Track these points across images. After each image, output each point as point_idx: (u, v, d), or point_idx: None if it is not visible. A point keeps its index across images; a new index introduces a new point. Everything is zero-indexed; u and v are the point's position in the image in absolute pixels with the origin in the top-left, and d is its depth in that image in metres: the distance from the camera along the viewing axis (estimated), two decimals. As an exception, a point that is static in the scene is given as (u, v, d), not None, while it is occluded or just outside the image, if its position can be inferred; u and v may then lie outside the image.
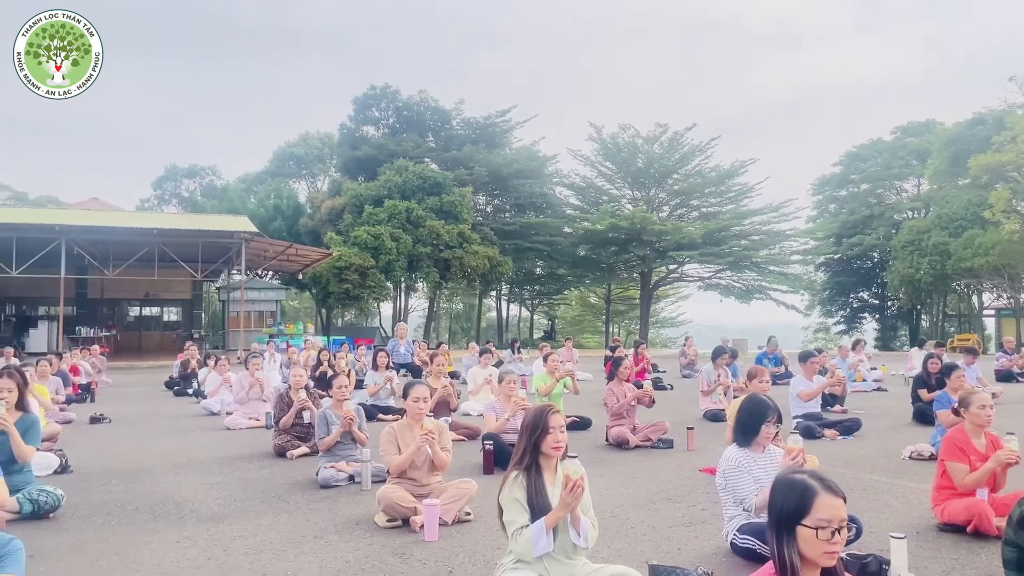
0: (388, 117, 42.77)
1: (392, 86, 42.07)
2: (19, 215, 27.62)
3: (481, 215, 43.24)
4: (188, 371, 14.88)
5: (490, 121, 43.05)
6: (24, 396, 5.89)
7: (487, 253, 36.49)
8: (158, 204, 55.01)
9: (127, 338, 32.80)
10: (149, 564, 4.52)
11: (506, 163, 40.95)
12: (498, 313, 50.31)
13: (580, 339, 44.46)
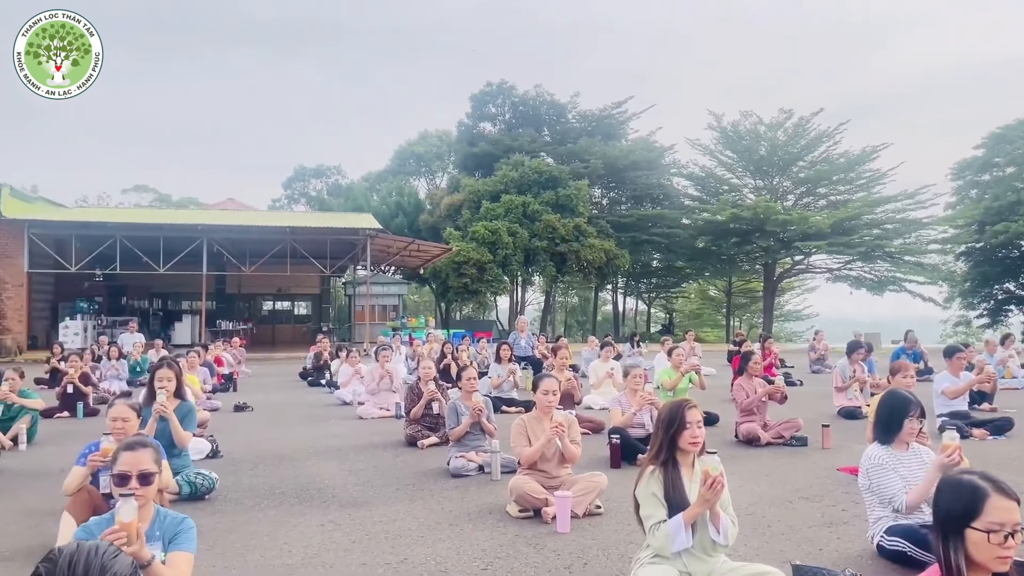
0: (504, 113, 43.18)
1: (508, 82, 42.44)
2: (165, 216, 29.66)
3: (597, 208, 42.99)
4: (321, 363, 15.55)
5: (606, 113, 42.73)
6: (181, 385, 6.34)
7: (603, 246, 36.27)
8: (288, 203, 57.71)
9: (261, 331, 34.59)
10: (298, 545, 4.77)
11: (622, 155, 40.53)
12: (614, 307, 49.95)
13: (699, 333, 43.48)
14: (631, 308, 52.87)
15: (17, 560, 4.53)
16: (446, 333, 25.75)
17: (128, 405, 5.02)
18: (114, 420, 4.90)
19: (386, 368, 10.79)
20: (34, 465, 7.42)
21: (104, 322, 27.46)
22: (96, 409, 11.21)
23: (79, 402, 10.92)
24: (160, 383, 6.10)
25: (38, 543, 4.83)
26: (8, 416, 8.48)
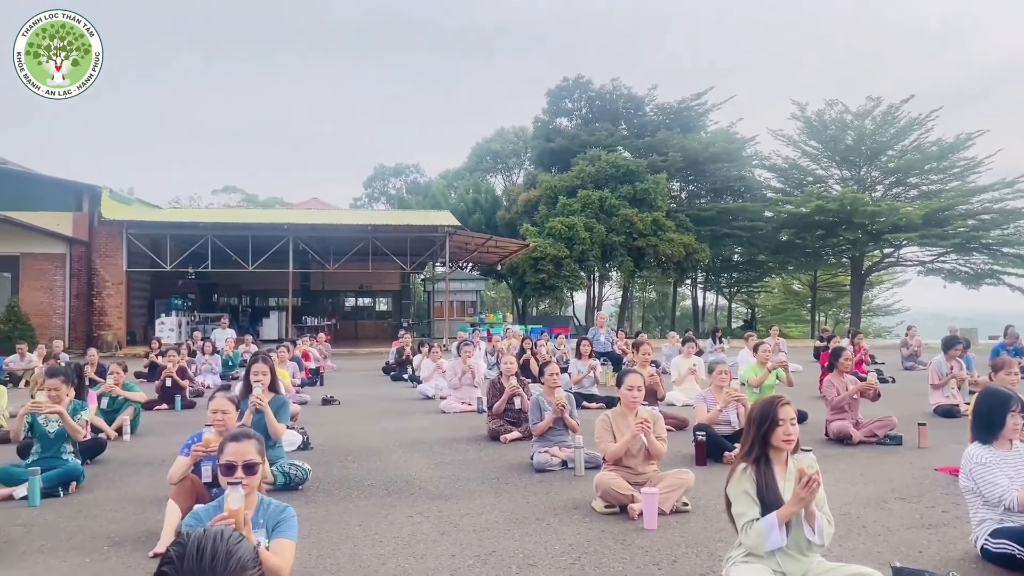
0: (581, 108, 43.00)
1: (584, 76, 42.24)
2: (253, 216, 30.66)
3: (676, 202, 42.40)
4: (403, 358, 15.84)
5: (684, 105, 42.07)
6: (275, 379, 6.56)
7: (683, 240, 35.74)
8: (368, 202, 58.90)
9: (344, 327, 35.43)
10: (388, 536, 4.88)
11: (702, 147, 39.84)
12: (693, 302, 49.20)
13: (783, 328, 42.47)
14: (711, 303, 51.99)
15: (127, 545, 4.78)
16: (524, 328, 25.83)
17: (227, 398, 5.22)
18: (214, 412, 5.11)
19: (468, 363, 10.91)
20: (138, 455, 7.80)
21: (197, 318, 28.61)
22: (192, 402, 11.70)
23: (177, 395, 11.42)
24: (255, 377, 6.33)
25: (144, 529, 5.08)
26: (113, 408, 8.94)
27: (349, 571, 4.24)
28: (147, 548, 4.62)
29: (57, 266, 24.68)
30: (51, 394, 6.20)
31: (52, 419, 6.25)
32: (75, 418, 6.31)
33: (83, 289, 24.92)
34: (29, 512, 5.56)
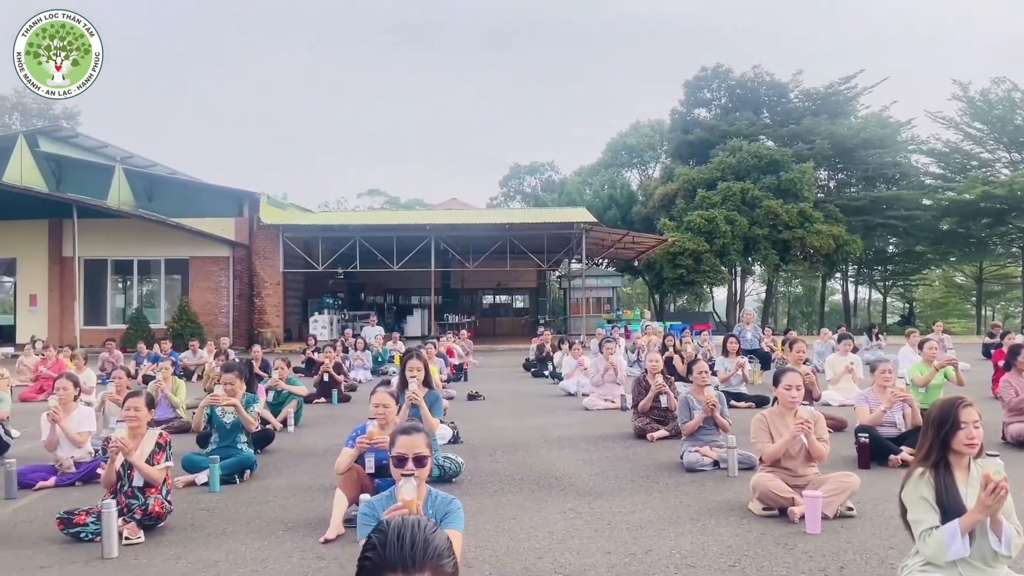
0: (720, 97, 41.86)
1: (724, 65, 41.11)
2: (397, 217, 31.84)
3: (823, 191, 40.48)
4: (543, 354, 15.98)
5: (832, 90, 40.05)
6: (429, 375, 6.78)
7: (832, 232, 34.06)
8: (504, 201, 59.83)
9: (483, 324, 36.14)
10: (542, 530, 4.94)
11: (852, 133, 37.80)
12: (844, 296, 46.77)
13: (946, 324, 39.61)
14: (863, 298, 49.25)
15: (299, 530, 5.08)
16: (663, 325, 25.43)
17: (388, 392, 5.45)
18: (376, 406, 5.34)
19: (611, 360, 10.86)
20: (302, 445, 8.28)
21: (347, 316, 30.00)
22: (347, 396, 12.29)
23: (333, 389, 12.03)
24: (411, 373, 6.57)
25: (314, 516, 5.38)
26: (278, 401, 9.53)
27: (507, 563, 4.32)
28: (318, 534, 4.89)
29: (221, 268, 26.56)
30: (227, 388, 6.68)
31: (228, 411, 6.74)
32: (248, 410, 6.77)
33: (244, 289, 26.68)
34: (210, 497, 6.01)
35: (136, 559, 4.55)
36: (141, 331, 23.32)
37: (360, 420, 6.57)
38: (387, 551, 1.62)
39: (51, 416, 6.54)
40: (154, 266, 27.47)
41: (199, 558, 4.56)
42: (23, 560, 4.59)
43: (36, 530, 5.23)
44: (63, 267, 25.80)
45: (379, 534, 1.67)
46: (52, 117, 47.42)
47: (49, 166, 26.58)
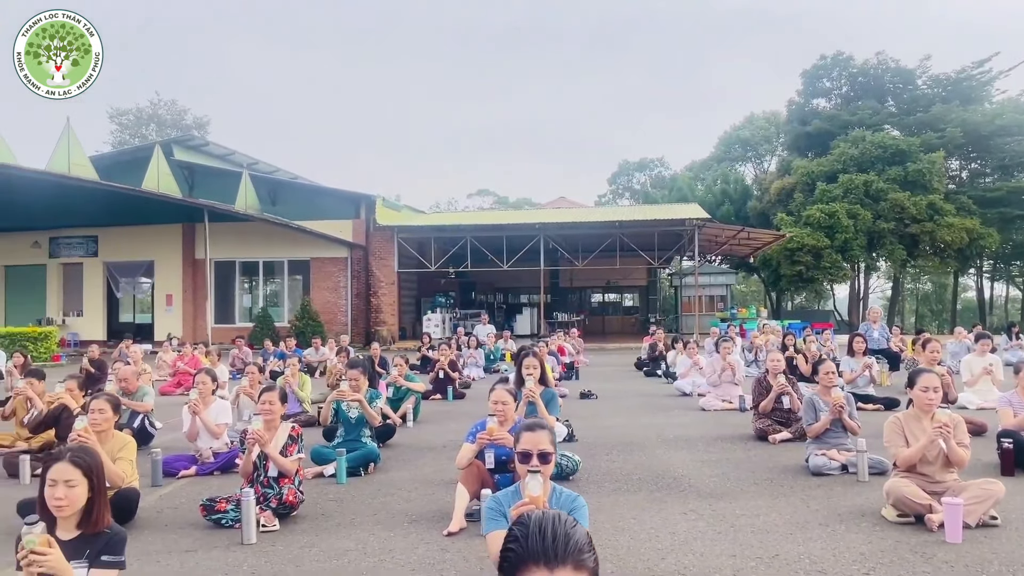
0: (840, 86, 40.10)
1: (844, 53, 39.31)
2: (506, 217, 32.14)
3: (955, 182, 38.13)
4: (656, 353, 15.76)
5: (964, 75, 37.62)
6: (545, 372, 6.82)
7: (964, 225, 32.03)
8: (613, 198, 59.42)
9: (592, 322, 35.99)
10: (663, 531, 4.88)
11: (986, 120, 35.41)
12: (978, 293, 43.92)
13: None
14: (999, 294, 46.11)
15: (423, 523, 5.21)
16: (781, 324, 24.62)
17: (506, 390, 5.51)
18: (495, 403, 5.41)
19: (728, 360, 10.60)
20: (421, 440, 8.49)
21: (458, 315, 30.54)
22: (462, 392, 12.52)
23: (448, 386, 12.28)
24: (527, 370, 6.63)
25: (436, 509, 5.51)
26: (397, 397, 9.80)
27: (629, 563, 4.30)
28: (441, 526, 5.01)
29: (340, 268, 27.55)
30: (352, 384, 6.93)
31: (353, 406, 6.99)
32: (371, 406, 7.01)
33: (362, 289, 27.58)
34: (337, 489, 6.25)
35: (273, 546, 4.79)
36: (266, 329, 24.49)
37: (475, 417, 6.68)
38: (529, 543, 1.65)
39: (192, 408, 6.97)
40: (278, 267, 28.79)
41: (330, 546, 4.76)
42: (171, 543, 4.91)
43: (181, 515, 5.59)
44: (196, 268, 27.43)
45: (521, 527, 1.70)
46: (184, 127, 50.49)
47: (183, 173, 28.29)
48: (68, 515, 3.11)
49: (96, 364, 13.67)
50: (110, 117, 53.25)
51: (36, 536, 2.75)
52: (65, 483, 3.07)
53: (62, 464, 3.11)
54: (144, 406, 8.36)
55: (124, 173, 26.10)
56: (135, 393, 8.45)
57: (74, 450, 3.22)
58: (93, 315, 28.51)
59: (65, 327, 27.17)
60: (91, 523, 3.15)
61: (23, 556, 2.74)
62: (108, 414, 5.44)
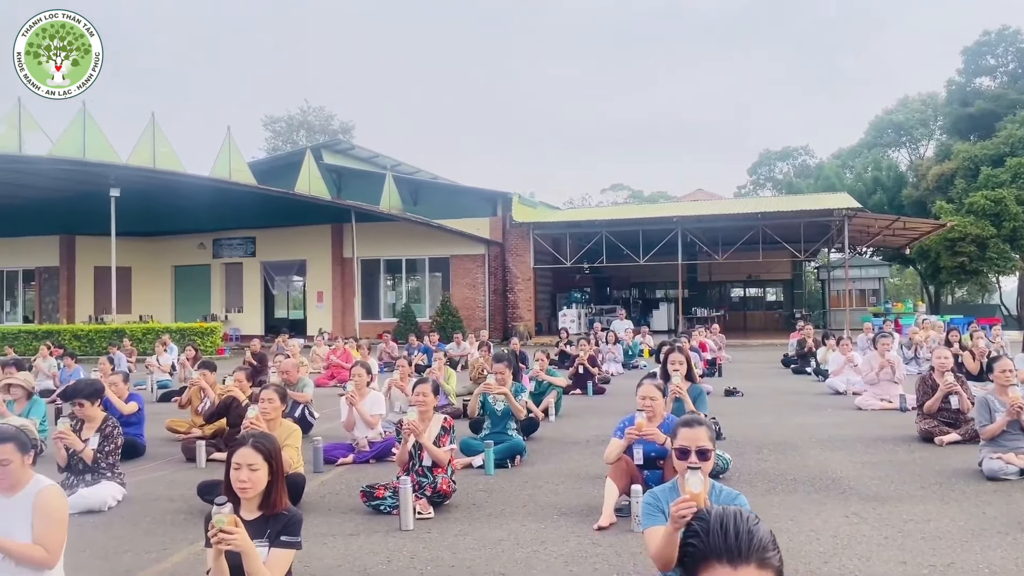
0: (1007, 63, 36.92)
1: (1010, 27, 36.16)
2: (642, 211, 31.76)
3: None
4: (805, 350, 15.11)
5: None
6: (691, 368, 6.70)
7: None
8: (753, 189, 57.39)
9: (733, 318, 34.93)
10: (825, 534, 4.69)
11: None
12: None
13: None
14: None
15: (572, 516, 5.25)
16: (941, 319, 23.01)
17: (654, 385, 5.45)
18: (643, 398, 5.36)
19: (886, 357, 10.02)
20: (565, 434, 8.54)
21: (593, 310, 30.49)
22: (602, 388, 12.49)
23: (589, 381, 12.28)
24: (673, 366, 6.53)
25: (584, 503, 5.54)
26: (539, 391, 9.89)
27: (790, 565, 4.13)
28: (590, 520, 5.03)
29: (478, 265, 28.12)
30: (498, 377, 7.06)
31: (499, 399, 7.13)
32: (516, 399, 7.12)
33: (499, 285, 28.04)
34: (486, 480, 6.40)
35: (429, 533, 4.96)
36: (409, 324, 25.36)
37: (616, 412, 6.67)
38: (710, 539, 1.63)
39: (348, 400, 7.33)
40: (419, 264, 29.72)
41: (484, 536, 4.87)
42: (335, 527, 5.18)
43: (341, 501, 5.89)
44: (344, 267, 28.76)
45: (701, 522, 1.68)
46: (332, 132, 53.02)
47: (331, 176, 29.75)
48: (251, 497, 3.34)
49: (258, 357, 14.61)
50: (264, 125, 56.80)
51: (225, 516, 2.97)
52: (248, 467, 3.30)
53: (245, 449, 3.34)
54: (305, 396, 8.88)
55: (278, 177, 27.78)
56: (295, 384, 8.97)
57: (256, 436, 3.45)
58: (252, 311, 30.49)
59: (227, 322, 29.17)
60: (271, 505, 3.37)
61: (213, 534, 2.96)
62: (276, 403, 5.81)
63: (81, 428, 5.97)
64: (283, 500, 3.40)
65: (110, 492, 5.81)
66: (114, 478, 5.97)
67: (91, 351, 21.79)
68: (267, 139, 56.39)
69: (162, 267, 31.60)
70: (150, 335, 22.63)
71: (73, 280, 30.46)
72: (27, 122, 22.68)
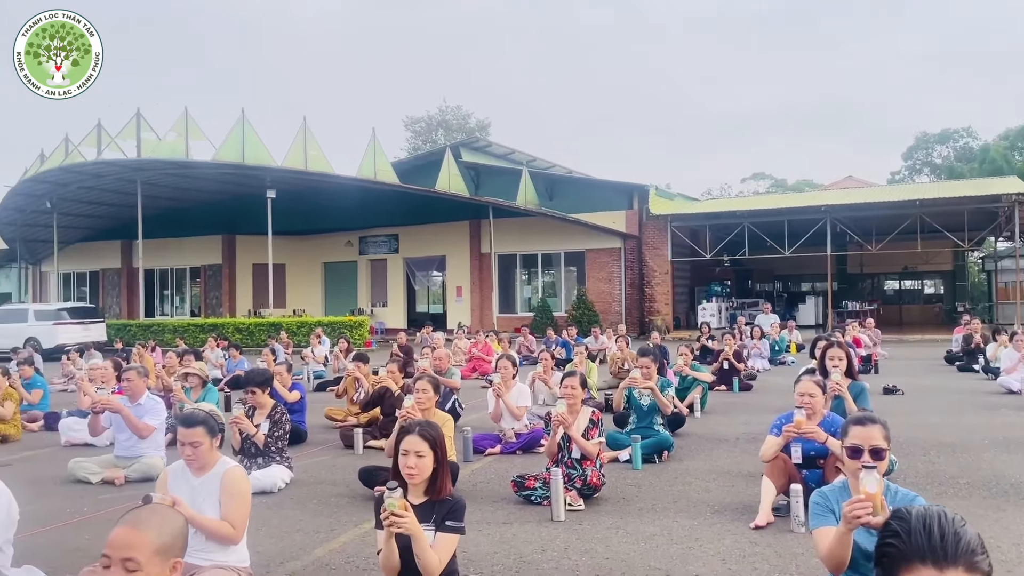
0: None
1: None
2: (787, 200, 30.49)
3: None
4: (972, 346, 14.05)
5: None
6: (851, 364, 6.38)
7: None
8: (909, 175, 53.92)
9: (887, 312, 32.92)
10: (1006, 542, 4.40)
11: None
12: None
13: None
14: None
15: (727, 514, 5.14)
16: None
17: (814, 381, 5.24)
18: (801, 395, 5.16)
19: (1070, 354, 9.17)
20: (711, 431, 8.36)
21: (734, 304, 29.62)
22: (748, 384, 12.12)
23: (734, 377, 11.95)
24: (832, 362, 6.24)
25: (738, 501, 5.41)
26: (683, 387, 9.72)
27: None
28: (745, 519, 4.90)
29: (614, 259, 27.94)
30: (644, 371, 7.00)
31: (644, 393, 7.06)
32: (663, 394, 7.03)
33: (635, 279, 27.75)
34: (633, 474, 6.36)
35: (580, 524, 5.00)
36: (546, 318, 25.56)
37: (764, 410, 6.46)
38: (913, 540, 1.56)
39: (496, 391, 7.48)
40: (555, 259, 29.87)
41: (636, 530, 4.85)
42: (488, 515, 5.30)
43: (492, 489, 6.02)
44: (482, 262, 29.34)
45: (900, 522, 1.61)
46: (469, 130, 54.17)
47: (469, 173, 30.40)
48: (418, 482, 3.45)
49: (404, 349, 15.18)
50: (405, 125, 58.82)
51: (396, 500, 3.09)
52: (415, 453, 3.42)
53: (412, 437, 3.46)
54: (455, 383, 9.16)
55: (419, 176, 28.72)
56: (444, 373, 9.26)
57: (422, 424, 3.58)
58: (395, 305, 31.68)
59: (373, 316, 30.42)
60: (436, 490, 3.48)
61: (385, 517, 3.09)
62: (430, 393, 6.01)
63: (253, 414, 6.41)
64: (447, 486, 3.50)
65: (280, 475, 6.21)
66: (283, 462, 6.37)
67: (251, 343, 23.31)
68: (407, 139, 58.40)
69: (313, 264, 33.34)
70: (303, 328, 23.95)
71: (234, 277, 32.72)
72: (193, 130, 24.68)
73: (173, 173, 26.77)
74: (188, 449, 3.84)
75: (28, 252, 34.50)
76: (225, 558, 3.75)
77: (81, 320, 25.66)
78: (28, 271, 36.43)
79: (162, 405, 7.00)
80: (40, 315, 25.51)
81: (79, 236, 33.26)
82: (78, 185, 27.32)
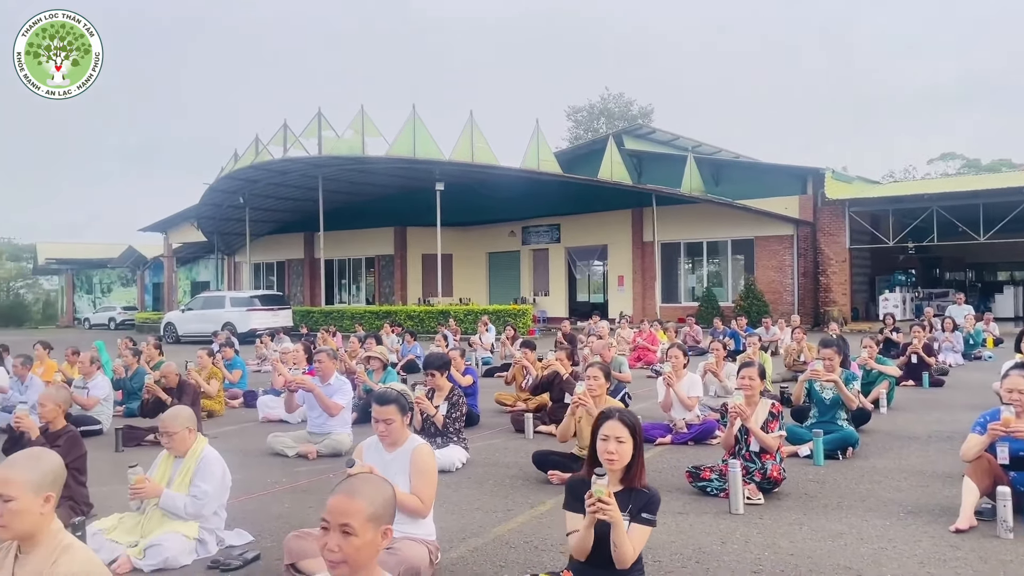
0: None
1: None
2: (982, 182, 27.93)
3: None
4: None
5: None
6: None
7: None
8: None
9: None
10: None
11: None
12: None
13: None
14: None
15: (922, 516, 4.81)
16: None
17: (1021, 376, 4.80)
18: (1010, 391, 4.74)
19: None
20: (901, 428, 7.84)
21: (920, 294, 27.55)
22: (939, 380, 11.27)
23: (923, 372, 11.14)
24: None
25: (934, 503, 5.06)
26: (867, 381, 9.15)
27: None
28: (943, 521, 4.59)
29: (785, 247, 26.70)
30: (826, 363, 6.66)
31: (827, 386, 6.73)
32: (847, 388, 6.66)
33: (809, 267, 26.39)
34: (815, 470, 6.08)
35: (760, 519, 4.85)
36: (711, 308, 24.88)
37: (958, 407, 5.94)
38: None
39: (667, 380, 7.40)
40: (721, 247, 28.96)
41: (821, 527, 4.65)
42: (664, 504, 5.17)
43: (665, 479, 5.96)
44: (644, 251, 28.96)
45: None
46: (631, 118, 53.52)
47: (632, 161, 30.07)
48: (616, 468, 3.42)
49: (568, 338, 15.27)
50: (567, 115, 59.00)
51: (602, 487, 3.09)
52: (616, 439, 3.39)
53: (613, 421, 3.44)
54: (625, 376, 9.13)
55: (580, 165, 28.75)
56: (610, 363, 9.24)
57: (621, 410, 3.56)
58: (557, 294, 31.94)
59: (535, 305, 30.84)
60: (631, 479, 3.45)
61: (592, 502, 3.09)
62: (601, 380, 6.02)
63: (432, 396, 6.69)
64: (643, 476, 3.46)
65: (457, 455, 6.46)
66: (459, 443, 6.62)
67: (421, 330, 24.29)
68: (569, 128, 58.52)
69: (478, 254, 34.24)
70: (470, 316, 24.70)
71: (405, 266, 34.23)
72: (368, 128, 26.00)
73: (350, 168, 28.35)
74: (381, 425, 4.07)
75: (224, 244, 37.67)
76: (415, 531, 3.96)
77: (270, 307, 27.77)
78: (223, 262, 39.82)
79: (349, 386, 7.46)
80: (235, 302, 27.91)
81: (267, 229, 35.96)
82: (267, 182, 29.56)
